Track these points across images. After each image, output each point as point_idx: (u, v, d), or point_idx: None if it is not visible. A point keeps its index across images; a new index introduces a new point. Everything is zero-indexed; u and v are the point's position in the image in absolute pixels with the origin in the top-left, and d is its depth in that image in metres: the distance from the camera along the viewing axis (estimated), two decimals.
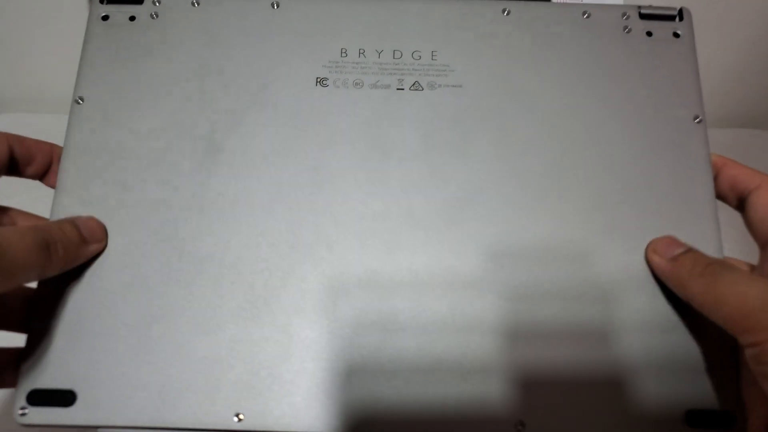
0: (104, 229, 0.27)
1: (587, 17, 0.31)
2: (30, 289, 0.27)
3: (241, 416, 0.25)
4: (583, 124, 0.29)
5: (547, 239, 0.27)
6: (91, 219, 0.27)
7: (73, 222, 0.26)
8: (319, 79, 0.29)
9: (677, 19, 0.31)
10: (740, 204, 0.28)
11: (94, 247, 0.26)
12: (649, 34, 0.30)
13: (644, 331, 0.26)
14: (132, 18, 0.30)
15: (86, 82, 0.29)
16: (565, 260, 0.27)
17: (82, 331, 0.26)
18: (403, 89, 0.29)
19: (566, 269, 0.27)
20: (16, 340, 0.26)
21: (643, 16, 0.31)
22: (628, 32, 0.30)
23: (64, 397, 0.25)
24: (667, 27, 0.31)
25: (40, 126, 0.66)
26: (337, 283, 0.26)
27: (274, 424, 0.25)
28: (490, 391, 0.25)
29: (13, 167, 0.29)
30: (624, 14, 0.31)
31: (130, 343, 0.26)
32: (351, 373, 0.25)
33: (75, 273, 0.26)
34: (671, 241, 0.27)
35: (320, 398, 0.25)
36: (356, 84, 0.29)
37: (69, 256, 0.25)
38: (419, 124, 0.29)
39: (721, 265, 0.24)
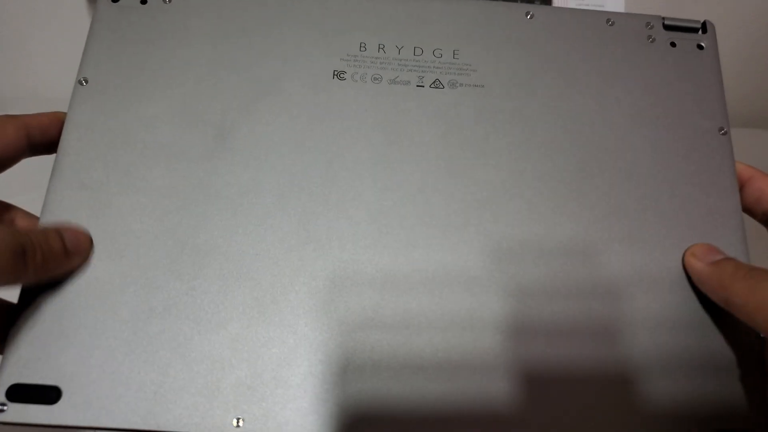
0: (90, 242, 0.25)
1: (611, 25, 0.30)
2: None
3: (241, 421, 0.23)
4: (606, 131, 0.28)
5: (566, 244, 0.26)
6: (79, 229, 0.25)
7: (58, 231, 0.24)
8: (336, 72, 0.28)
9: (700, 31, 0.30)
10: (767, 219, 0.28)
11: (76, 261, 0.24)
12: (672, 44, 0.30)
13: (671, 355, 0.25)
14: (144, 1, 0.29)
15: (92, 62, 0.27)
16: (584, 266, 0.26)
17: (72, 322, 0.24)
18: (423, 86, 0.28)
19: (585, 275, 0.26)
20: None
21: (667, 27, 0.30)
22: (651, 42, 0.30)
23: (48, 394, 0.23)
24: (691, 39, 0.30)
25: None
26: (349, 282, 0.25)
27: (276, 430, 0.23)
28: (511, 409, 0.24)
29: (33, 149, 0.27)
30: (648, 24, 0.30)
31: (125, 338, 0.24)
32: (361, 377, 0.24)
33: None
34: (711, 247, 0.26)
35: (328, 403, 0.23)
36: (375, 79, 0.28)
37: (48, 265, 0.23)
38: (439, 122, 0.28)
39: (765, 271, 0.23)
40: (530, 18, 0.30)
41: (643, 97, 0.29)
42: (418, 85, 0.28)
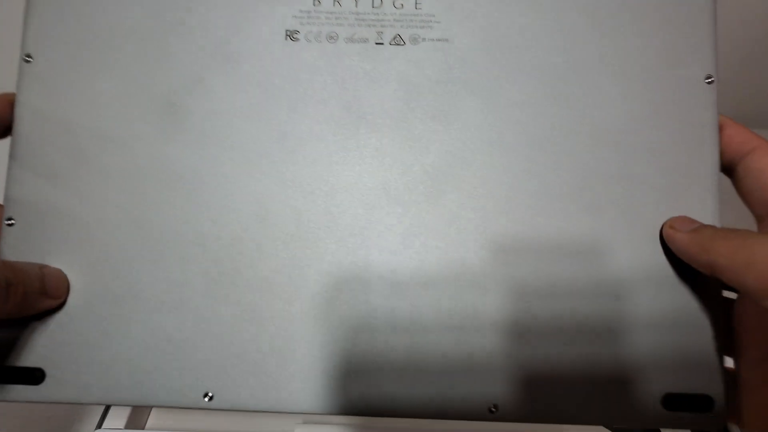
0: (67, 286, 0.25)
1: None
2: None
3: (210, 395, 0.24)
4: (582, 84, 0.26)
5: (535, 214, 0.26)
6: (59, 273, 0.25)
7: (41, 270, 0.24)
8: (288, 33, 0.27)
9: None
10: (729, 168, 0.26)
11: (51, 303, 0.25)
12: None
13: (628, 318, 0.25)
14: None
15: (34, 36, 0.26)
16: (552, 237, 0.25)
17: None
18: (382, 43, 0.26)
19: (552, 246, 0.25)
20: None
21: None
22: None
23: (33, 375, 0.25)
24: None
25: None
26: (307, 260, 0.25)
27: (244, 403, 0.25)
28: (468, 374, 0.25)
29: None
30: None
31: (97, 321, 0.25)
32: (322, 351, 0.25)
33: (39, 251, 0.25)
34: (688, 218, 0.25)
35: (290, 377, 0.25)
36: (330, 38, 0.26)
37: (25, 303, 0.23)
38: (399, 84, 0.26)
39: (746, 230, 0.22)
40: None
41: (626, 42, 0.26)
42: (377, 43, 0.26)
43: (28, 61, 0.26)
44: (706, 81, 0.26)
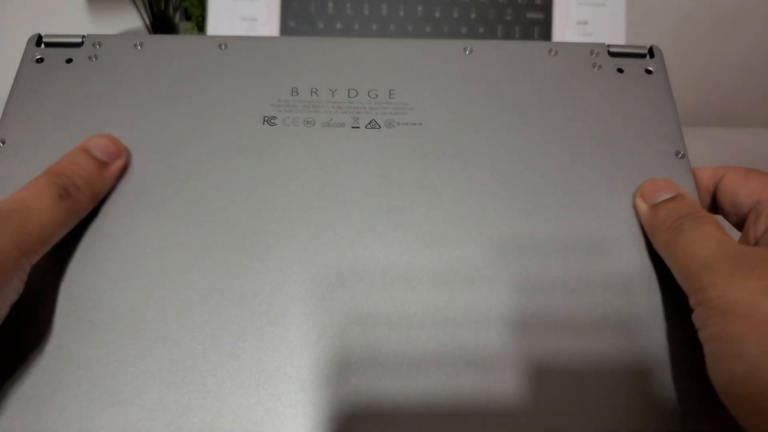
0: (119, 143, 0.25)
1: (554, 54, 0.29)
2: None
3: None
4: (554, 161, 0.26)
5: (511, 283, 0.24)
6: (103, 137, 0.25)
7: (84, 149, 0.24)
8: (266, 118, 0.27)
9: (648, 56, 0.29)
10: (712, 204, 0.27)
11: (116, 165, 0.25)
12: (620, 70, 0.29)
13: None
14: (69, 60, 0.28)
15: (10, 123, 0.26)
16: (524, 312, 0.24)
17: None
18: (358, 127, 0.27)
19: (526, 323, 0.23)
20: None
21: (613, 54, 0.29)
22: (598, 69, 0.29)
23: None
24: (639, 64, 0.29)
25: None
26: (278, 341, 0.23)
27: None
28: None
29: None
30: (592, 52, 0.29)
31: (38, 415, 0.21)
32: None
33: None
34: (663, 184, 0.24)
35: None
36: (307, 122, 0.27)
37: (94, 188, 0.24)
38: (376, 162, 0.26)
39: (692, 220, 0.21)
40: (468, 53, 0.29)
41: (593, 124, 0.27)
42: (353, 127, 0.27)
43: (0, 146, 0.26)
44: (678, 156, 0.27)
